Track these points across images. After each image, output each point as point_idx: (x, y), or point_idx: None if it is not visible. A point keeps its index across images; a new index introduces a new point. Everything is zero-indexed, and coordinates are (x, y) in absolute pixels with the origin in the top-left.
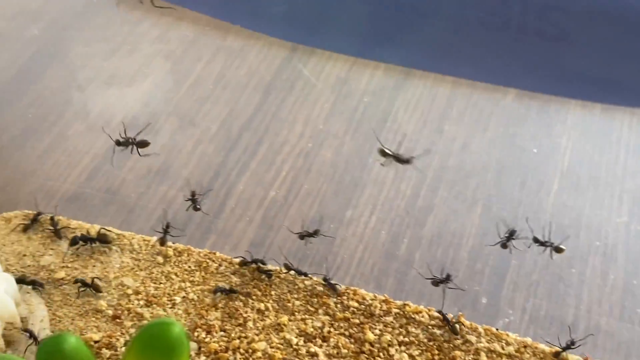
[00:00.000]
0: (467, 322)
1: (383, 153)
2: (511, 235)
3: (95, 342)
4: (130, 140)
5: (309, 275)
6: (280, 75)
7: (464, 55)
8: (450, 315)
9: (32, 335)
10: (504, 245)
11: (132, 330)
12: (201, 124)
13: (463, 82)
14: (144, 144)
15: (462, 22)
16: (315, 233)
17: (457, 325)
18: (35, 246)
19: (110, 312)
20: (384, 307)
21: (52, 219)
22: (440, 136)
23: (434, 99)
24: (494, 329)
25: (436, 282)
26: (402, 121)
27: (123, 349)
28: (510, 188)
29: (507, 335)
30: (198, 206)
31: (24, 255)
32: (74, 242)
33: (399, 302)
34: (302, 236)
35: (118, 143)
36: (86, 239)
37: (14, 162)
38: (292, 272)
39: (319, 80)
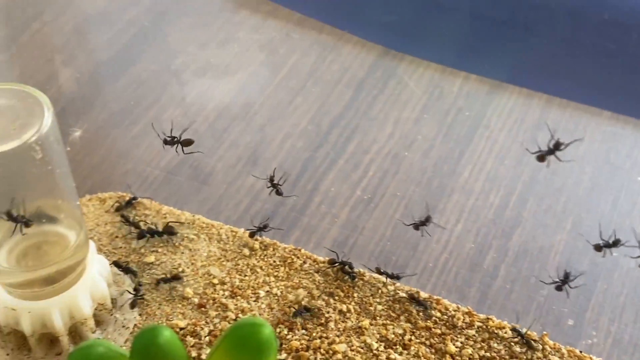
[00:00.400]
0: (550, 342)
1: (541, 158)
2: (614, 244)
3: (181, 329)
4: (175, 139)
5: (401, 278)
6: (373, 73)
7: (571, 76)
8: (531, 332)
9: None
10: (599, 248)
11: (217, 320)
12: (291, 118)
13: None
14: (188, 142)
15: (577, 46)
16: (427, 220)
17: (533, 342)
18: (127, 229)
19: (196, 300)
20: (467, 320)
21: (122, 215)
22: (532, 147)
23: (527, 109)
24: (577, 351)
25: (560, 287)
26: (495, 129)
27: (207, 338)
28: (601, 206)
29: (591, 358)
30: (280, 191)
31: (116, 237)
32: (141, 236)
33: (482, 316)
34: (416, 226)
35: (165, 142)
36: (153, 232)
37: (110, 141)
38: (382, 276)
39: (411, 79)
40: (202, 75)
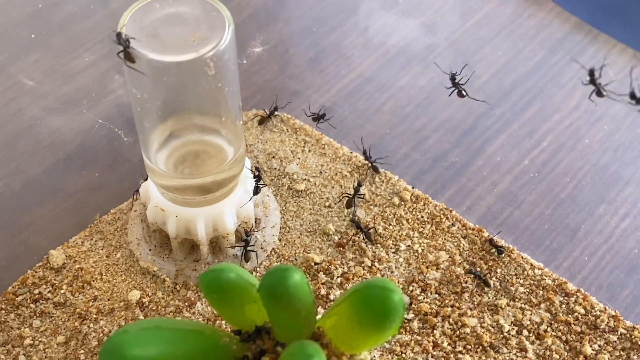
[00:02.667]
0: None
1: None
2: None
3: (316, 263)
4: None
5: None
6: (573, 36)
7: None
8: None
9: (246, 237)
10: None
11: (352, 264)
12: (474, 68)
13: None
14: None
15: None
16: None
17: None
18: (285, 151)
19: (336, 238)
20: (611, 324)
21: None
22: None
23: None
24: None
25: None
26: None
27: (339, 279)
28: None
29: None
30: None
31: (273, 157)
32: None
33: (628, 323)
34: None
35: None
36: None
37: (286, 59)
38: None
39: (609, 56)
40: (389, 8)
